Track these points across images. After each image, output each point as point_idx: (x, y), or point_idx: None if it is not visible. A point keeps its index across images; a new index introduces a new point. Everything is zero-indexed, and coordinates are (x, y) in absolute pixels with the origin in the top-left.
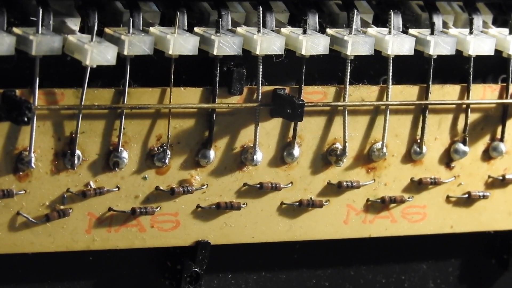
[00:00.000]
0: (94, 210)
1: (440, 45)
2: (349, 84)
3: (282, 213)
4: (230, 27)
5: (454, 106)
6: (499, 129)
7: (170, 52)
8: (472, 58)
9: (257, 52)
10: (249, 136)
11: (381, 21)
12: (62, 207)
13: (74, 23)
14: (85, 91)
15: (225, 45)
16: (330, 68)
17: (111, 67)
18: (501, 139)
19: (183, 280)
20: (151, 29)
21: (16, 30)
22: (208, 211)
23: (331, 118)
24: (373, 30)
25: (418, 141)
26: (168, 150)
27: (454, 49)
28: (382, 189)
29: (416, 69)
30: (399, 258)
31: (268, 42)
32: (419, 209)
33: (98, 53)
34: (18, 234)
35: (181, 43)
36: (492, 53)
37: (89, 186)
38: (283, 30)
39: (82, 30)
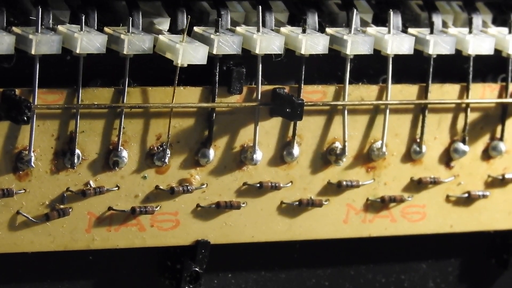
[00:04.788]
0: (94, 210)
1: (439, 44)
2: (349, 84)
3: (282, 212)
4: (229, 27)
5: (453, 105)
6: (499, 128)
7: None
8: (471, 58)
9: (257, 52)
10: (249, 136)
11: (381, 20)
12: (62, 206)
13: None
14: (81, 89)
15: (224, 44)
16: (330, 67)
17: (111, 66)
18: (501, 139)
19: (183, 280)
20: None
21: (15, 29)
22: (208, 211)
23: (330, 117)
24: (372, 30)
25: (418, 140)
26: (167, 150)
27: (453, 49)
28: (381, 189)
29: (416, 68)
30: (399, 258)
31: (268, 42)
32: (418, 208)
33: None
34: (18, 234)
35: None
36: (491, 52)
37: (89, 186)
38: (282, 29)
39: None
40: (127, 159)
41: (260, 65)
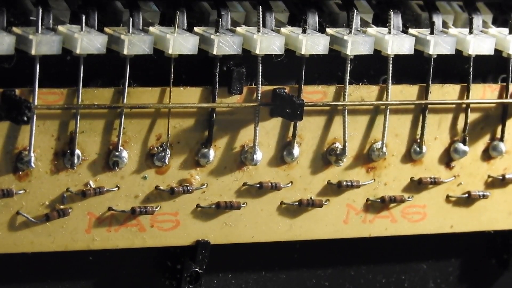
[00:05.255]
0: (94, 210)
1: (440, 44)
2: (349, 84)
3: (282, 212)
4: (230, 27)
5: (454, 105)
6: (499, 128)
7: (170, 52)
8: (472, 58)
9: (257, 52)
10: (249, 136)
11: (381, 20)
12: (62, 206)
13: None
14: (81, 89)
15: (224, 44)
16: (330, 67)
17: (111, 66)
18: (501, 139)
19: (183, 280)
20: (151, 28)
21: (16, 29)
22: (208, 211)
23: (331, 117)
24: (373, 30)
25: (418, 140)
26: (168, 150)
27: (454, 49)
28: (382, 189)
29: (416, 68)
30: (399, 258)
31: (268, 42)
32: (419, 208)
33: (180, 42)
34: (18, 234)
35: (180, 42)
36: (492, 52)
37: (89, 186)
38: (283, 29)
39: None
40: (127, 159)
41: (260, 66)
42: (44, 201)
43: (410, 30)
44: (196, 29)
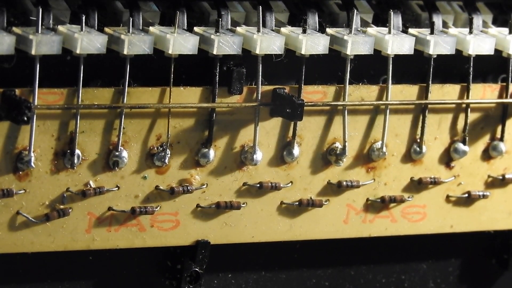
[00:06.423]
0: (94, 210)
1: (440, 44)
2: (349, 84)
3: (282, 212)
4: (230, 27)
5: (454, 105)
6: (499, 128)
7: (170, 52)
8: (472, 58)
9: (257, 52)
10: (249, 136)
11: (381, 20)
12: (62, 206)
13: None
14: (81, 89)
15: (225, 44)
16: (330, 67)
17: (111, 66)
18: (501, 139)
19: (183, 280)
20: (151, 28)
21: (16, 29)
22: (208, 211)
23: (331, 117)
24: (373, 30)
25: (418, 140)
26: (168, 150)
27: (454, 49)
28: (382, 189)
29: (416, 68)
30: (399, 258)
31: (268, 42)
32: (419, 208)
33: (180, 42)
34: (18, 234)
35: (181, 42)
36: (492, 52)
37: (89, 186)
38: (283, 29)
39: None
40: (127, 159)
41: (260, 66)
42: (44, 201)
43: (410, 30)
44: (196, 29)
